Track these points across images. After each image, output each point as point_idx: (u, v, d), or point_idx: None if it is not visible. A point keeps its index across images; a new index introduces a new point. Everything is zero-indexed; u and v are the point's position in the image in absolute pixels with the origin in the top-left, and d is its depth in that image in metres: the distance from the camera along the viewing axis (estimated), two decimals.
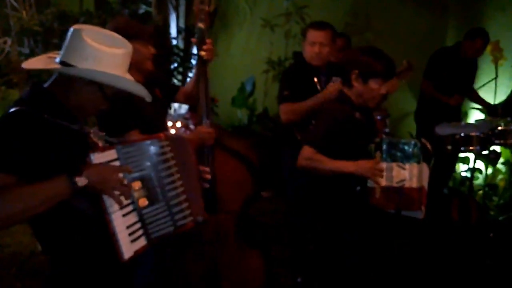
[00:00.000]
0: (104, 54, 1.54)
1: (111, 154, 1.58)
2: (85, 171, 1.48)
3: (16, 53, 5.40)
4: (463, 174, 4.96)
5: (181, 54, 6.05)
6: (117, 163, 1.59)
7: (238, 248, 2.43)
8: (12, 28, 5.36)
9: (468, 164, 4.89)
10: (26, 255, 3.53)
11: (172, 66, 5.64)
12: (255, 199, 2.57)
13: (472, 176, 4.10)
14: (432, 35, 5.64)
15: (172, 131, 4.52)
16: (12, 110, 1.49)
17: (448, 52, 4.54)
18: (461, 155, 4.69)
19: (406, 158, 2.32)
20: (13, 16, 5.20)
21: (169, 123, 3.00)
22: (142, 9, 6.08)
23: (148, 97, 1.67)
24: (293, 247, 3.48)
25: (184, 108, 5.90)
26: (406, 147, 2.33)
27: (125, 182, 1.55)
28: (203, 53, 2.39)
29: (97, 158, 1.54)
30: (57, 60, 1.58)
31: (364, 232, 2.44)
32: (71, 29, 1.58)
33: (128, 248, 1.58)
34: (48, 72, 5.10)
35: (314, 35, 3.00)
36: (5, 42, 4.48)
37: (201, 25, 2.40)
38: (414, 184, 2.31)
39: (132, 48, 1.65)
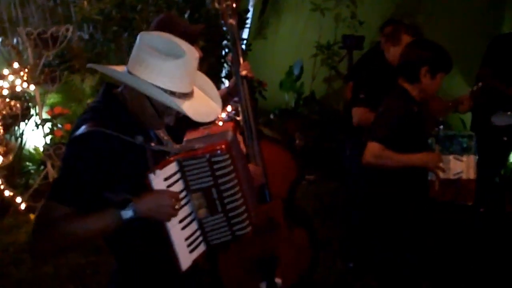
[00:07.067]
0: (160, 65, 1.49)
1: (171, 169, 1.58)
2: (135, 203, 1.49)
3: (77, 40, 5.73)
4: None
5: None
6: (177, 176, 1.60)
7: (288, 230, 2.53)
8: (73, 16, 5.67)
9: None
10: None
11: (223, 52, 5.71)
12: (300, 182, 2.67)
13: None
14: (487, 17, 5.40)
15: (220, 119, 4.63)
16: (84, 131, 1.48)
17: (509, 39, 4.25)
18: None
19: (463, 150, 2.46)
20: (75, 5, 5.49)
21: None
22: None
23: (201, 119, 1.58)
24: (349, 235, 3.57)
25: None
26: (462, 140, 2.47)
27: (177, 206, 1.54)
28: (244, 72, 2.30)
29: (156, 178, 1.53)
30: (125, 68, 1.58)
31: (423, 229, 2.55)
32: (138, 36, 1.55)
33: (186, 259, 1.61)
34: (106, 60, 5.37)
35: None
36: (67, 30, 4.75)
37: (231, 21, 2.32)
38: (471, 175, 2.47)
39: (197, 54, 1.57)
